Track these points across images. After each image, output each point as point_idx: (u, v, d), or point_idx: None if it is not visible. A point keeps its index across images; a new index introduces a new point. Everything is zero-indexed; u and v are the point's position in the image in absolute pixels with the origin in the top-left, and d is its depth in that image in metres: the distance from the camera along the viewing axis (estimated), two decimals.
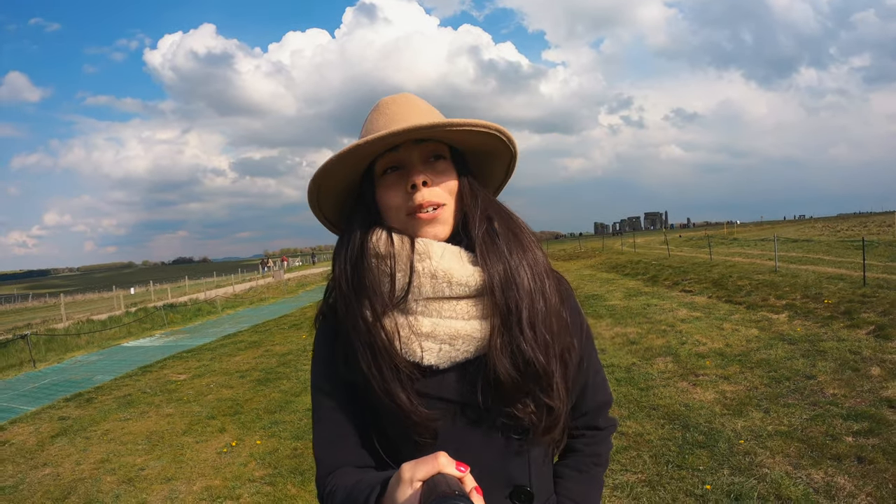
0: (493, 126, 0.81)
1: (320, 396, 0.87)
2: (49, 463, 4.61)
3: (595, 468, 0.96)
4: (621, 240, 45.52)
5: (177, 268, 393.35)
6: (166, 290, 28.53)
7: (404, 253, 0.79)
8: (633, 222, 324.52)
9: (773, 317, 7.63)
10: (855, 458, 3.26)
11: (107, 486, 3.94)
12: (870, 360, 5.16)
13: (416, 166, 0.82)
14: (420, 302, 0.80)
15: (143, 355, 9.72)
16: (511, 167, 0.93)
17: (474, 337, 0.78)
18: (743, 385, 4.74)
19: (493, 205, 0.87)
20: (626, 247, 31.82)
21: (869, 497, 2.82)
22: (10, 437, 5.51)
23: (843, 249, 17.45)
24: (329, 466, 0.83)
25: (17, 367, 9.94)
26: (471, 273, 0.79)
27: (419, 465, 0.60)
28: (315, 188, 0.85)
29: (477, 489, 0.59)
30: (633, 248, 29.44)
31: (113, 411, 5.95)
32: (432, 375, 0.79)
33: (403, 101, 0.88)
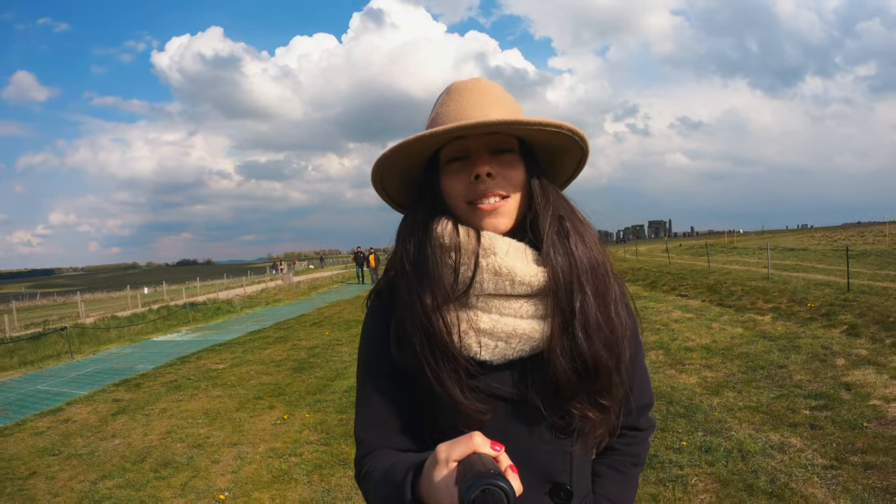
0: (566, 126, 0.80)
1: (367, 377, 0.88)
2: (117, 435, 5.33)
3: (633, 468, 0.96)
4: (624, 248, 46.18)
5: (181, 269, 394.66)
6: (180, 291, 29.33)
7: (470, 247, 0.79)
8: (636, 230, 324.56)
9: (758, 318, 8.34)
10: (808, 425, 3.97)
11: (178, 450, 4.65)
12: (838, 353, 5.86)
13: (481, 157, 0.82)
14: (481, 297, 0.80)
15: (176, 348, 10.45)
16: (581, 164, 0.92)
17: (532, 337, 0.79)
18: (722, 372, 5.45)
19: (562, 202, 0.87)
20: (628, 254, 32.49)
21: (815, 452, 3.52)
22: (71, 416, 6.22)
23: (835, 258, 18.09)
24: (369, 448, 0.85)
25: (55, 358, 10.68)
26: (534, 273, 0.79)
27: (455, 445, 0.61)
28: (378, 171, 0.85)
29: (512, 467, 0.59)
30: (636, 255, 30.10)
31: (163, 394, 6.68)
32: (485, 371, 0.79)
33: (476, 88, 0.87)
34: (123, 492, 3.89)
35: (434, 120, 0.87)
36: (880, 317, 7.29)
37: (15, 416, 6.45)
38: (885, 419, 3.99)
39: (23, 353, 11.18)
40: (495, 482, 0.52)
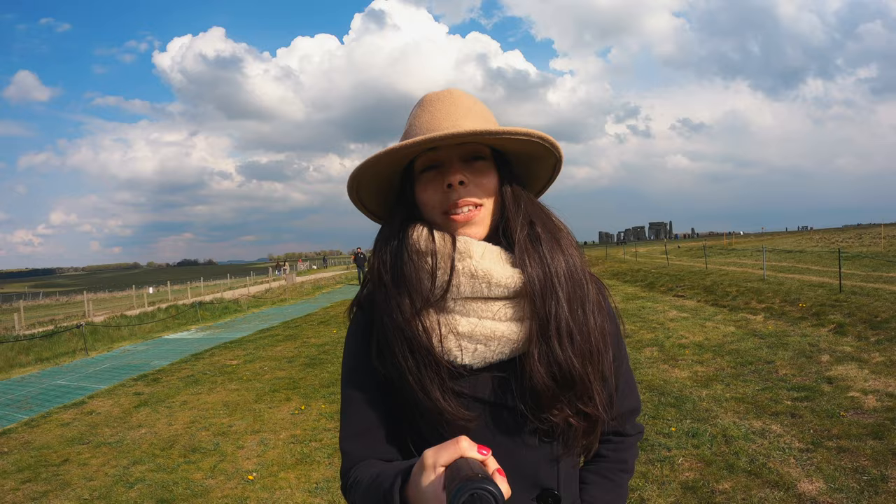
0: (535, 133, 0.81)
1: (350, 389, 0.88)
2: (142, 425, 5.66)
3: (620, 475, 0.96)
4: (623, 249, 46.51)
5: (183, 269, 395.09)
6: (184, 291, 29.68)
7: (445, 251, 0.80)
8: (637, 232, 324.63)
9: (750, 317, 8.66)
10: (789, 414, 4.29)
11: (204, 438, 4.98)
12: (824, 350, 6.18)
13: (453, 165, 0.83)
14: (458, 301, 0.80)
15: (188, 346, 10.78)
16: (556, 169, 0.93)
17: (510, 339, 0.79)
18: (712, 367, 5.78)
19: (534, 207, 0.88)
20: (628, 256, 32.81)
21: (793, 437, 3.85)
22: (94, 408, 6.55)
23: (830, 260, 18.39)
24: (354, 459, 0.85)
25: (70, 355, 11.01)
26: (510, 275, 0.80)
27: (441, 450, 0.61)
28: (355, 183, 0.86)
29: (499, 471, 0.59)
30: (635, 257, 30.41)
31: (182, 388, 7.01)
32: (466, 375, 0.80)
33: (449, 98, 0.88)
34: (156, 475, 4.22)
35: (407, 132, 0.88)
36: (868, 316, 7.60)
37: (39, 409, 6.77)
38: (862, 409, 4.31)
39: (38, 350, 11.50)
40: (483, 486, 0.52)
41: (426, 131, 0.83)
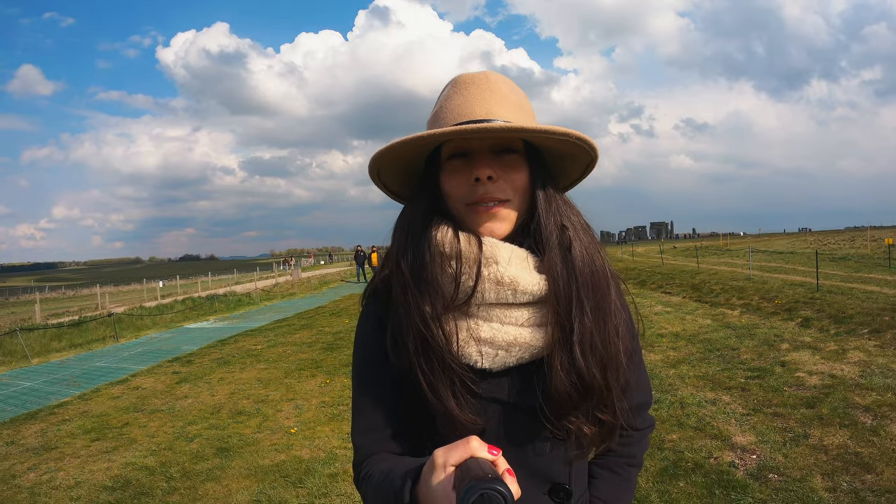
0: (573, 133, 0.78)
1: (362, 382, 0.88)
2: (187, 396, 6.50)
3: (629, 469, 0.97)
4: (622, 249, 47.31)
5: (185, 265, 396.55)
6: (193, 285, 30.58)
7: (471, 255, 0.78)
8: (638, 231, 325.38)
9: (728, 312, 9.50)
10: (740, 388, 5.12)
11: (245, 404, 5.82)
12: (786, 340, 6.99)
13: (483, 157, 0.79)
14: (481, 307, 0.79)
15: (211, 334, 11.63)
16: (590, 168, 0.90)
17: (532, 345, 0.78)
18: (683, 352, 6.62)
19: (566, 210, 0.85)
20: (626, 255, 33.60)
21: (738, 405, 4.67)
22: (139, 385, 7.39)
23: (819, 261, 19.23)
24: (366, 453, 0.85)
25: (101, 342, 11.87)
26: (536, 281, 0.78)
27: (452, 449, 0.61)
28: (377, 163, 0.84)
29: (509, 471, 0.60)
30: (632, 256, 31.22)
31: (216, 368, 7.85)
32: (484, 378, 0.79)
33: (485, 83, 0.83)
34: (210, 432, 5.06)
35: (437, 114, 0.85)
36: (836, 312, 8.40)
37: (87, 385, 7.62)
38: (804, 386, 5.12)
39: (69, 337, 12.39)
40: (493, 486, 0.53)
41: (457, 116, 0.80)
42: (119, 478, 4.19)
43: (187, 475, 4.10)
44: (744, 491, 3.23)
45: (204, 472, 4.13)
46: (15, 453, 5.04)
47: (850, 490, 3.18)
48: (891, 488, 3.17)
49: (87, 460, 4.67)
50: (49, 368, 9.28)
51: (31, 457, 4.91)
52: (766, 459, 3.64)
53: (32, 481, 4.34)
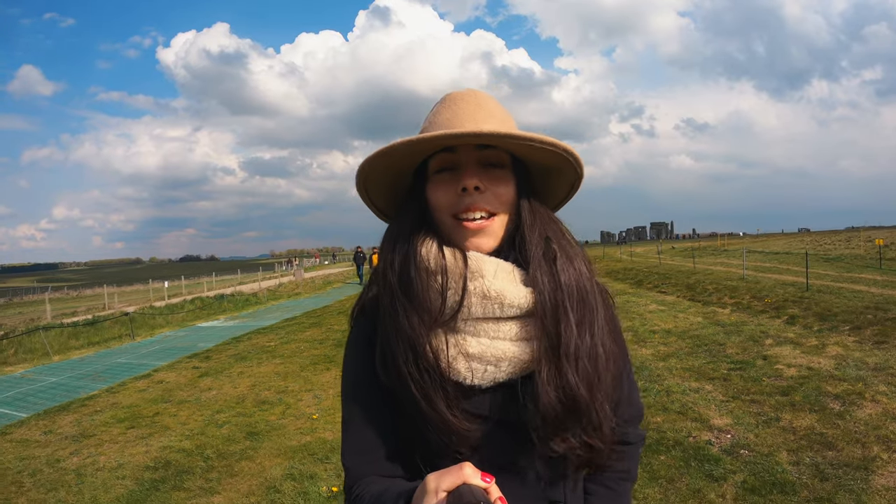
0: (560, 144, 0.78)
1: (352, 403, 0.87)
2: (211, 388, 6.96)
3: (623, 484, 0.97)
4: (620, 249, 47.78)
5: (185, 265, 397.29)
6: (200, 285, 31.06)
7: (457, 270, 0.79)
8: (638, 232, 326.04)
9: (719, 310, 9.97)
10: (722, 379, 5.58)
11: (267, 395, 6.29)
12: (770, 336, 7.45)
13: (470, 169, 0.81)
14: (468, 321, 0.79)
15: (224, 332, 12.09)
16: (575, 187, 0.90)
17: (521, 359, 0.78)
18: (673, 347, 7.09)
19: (551, 224, 0.86)
20: (624, 255, 34.08)
21: (719, 393, 5.12)
22: (162, 379, 7.84)
23: (812, 261, 19.68)
24: (357, 475, 0.84)
25: (118, 339, 12.33)
26: (523, 295, 0.78)
27: (444, 475, 0.61)
28: (363, 174, 0.84)
29: (501, 499, 0.60)
30: (631, 256, 31.69)
31: (234, 363, 8.32)
32: (473, 394, 0.79)
33: (472, 99, 0.86)
34: (238, 419, 5.52)
35: (426, 128, 0.86)
36: (822, 311, 8.85)
37: (112, 380, 8.07)
38: (781, 377, 5.58)
39: (86, 336, 12.84)
40: None
41: (446, 129, 0.80)
42: (159, 459, 4.65)
43: (222, 455, 4.56)
44: (716, 463, 3.69)
45: (237, 452, 4.60)
46: (54, 441, 5.49)
47: (811, 464, 3.64)
48: (849, 463, 3.62)
49: (126, 445, 5.13)
50: (71, 365, 9.73)
51: (70, 444, 5.35)
52: (739, 438, 4.10)
53: (76, 464, 4.78)
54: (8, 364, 10.34)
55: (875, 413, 4.44)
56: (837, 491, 3.27)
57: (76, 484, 4.33)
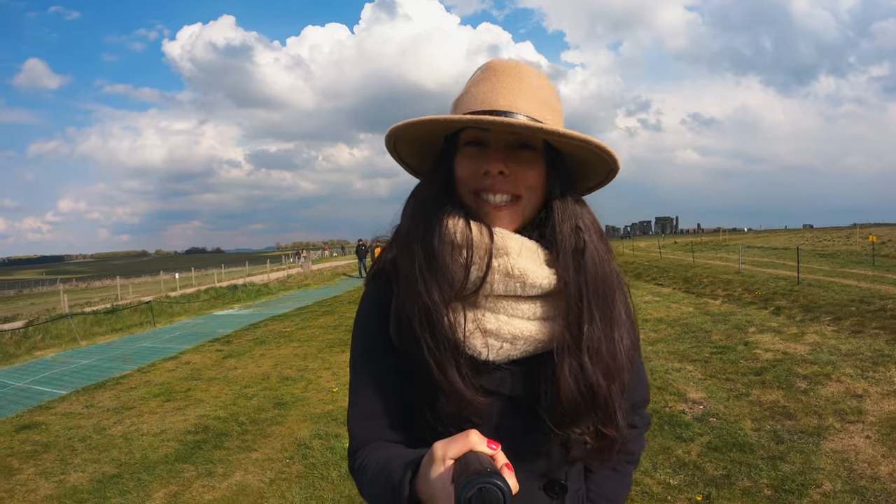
0: (593, 142, 0.77)
1: (362, 367, 0.87)
2: (236, 368, 7.56)
3: (626, 466, 0.98)
4: (623, 243, 48.26)
5: (191, 257, 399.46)
6: (209, 276, 31.77)
7: (483, 246, 0.78)
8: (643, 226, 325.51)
9: (711, 301, 10.50)
10: (703, 361, 6.13)
11: (289, 373, 6.89)
12: (755, 325, 7.98)
13: (498, 151, 0.79)
14: (489, 298, 0.79)
15: (240, 319, 12.71)
16: (609, 178, 0.89)
17: (537, 339, 0.79)
18: (662, 334, 7.64)
19: (580, 209, 0.85)
20: (627, 250, 34.55)
21: (698, 373, 5.68)
22: (188, 361, 8.45)
23: (809, 256, 20.13)
24: (362, 441, 0.85)
25: (139, 326, 12.98)
26: (546, 276, 0.78)
27: (451, 443, 0.62)
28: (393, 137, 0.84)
29: (508, 466, 0.60)
30: (633, 251, 32.18)
31: (254, 346, 8.93)
32: (487, 370, 0.80)
33: (515, 73, 0.83)
34: (265, 392, 6.12)
35: (462, 97, 0.85)
36: (808, 303, 9.35)
37: (141, 362, 8.69)
38: (757, 360, 6.12)
39: (109, 323, 13.49)
40: (492, 480, 0.53)
41: (480, 104, 0.80)
42: (198, 425, 5.25)
43: (254, 422, 5.17)
44: (687, 428, 4.26)
45: (268, 419, 5.20)
46: (97, 413, 6.10)
47: (770, 430, 4.20)
48: (804, 430, 4.17)
49: (165, 415, 5.73)
50: (99, 349, 10.37)
51: (112, 415, 5.96)
52: (710, 409, 4.67)
53: (122, 431, 5.39)
54: (38, 349, 11.00)
55: (837, 391, 4.98)
56: (790, 452, 3.83)
57: (125, 446, 4.93)
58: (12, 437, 5.43)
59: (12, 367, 9.23)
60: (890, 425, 4.17)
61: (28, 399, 6.92)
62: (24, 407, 6.52)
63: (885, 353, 6.03)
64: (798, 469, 3.56)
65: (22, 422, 5.93)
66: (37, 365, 9.29)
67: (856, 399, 4.75)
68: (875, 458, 3.70)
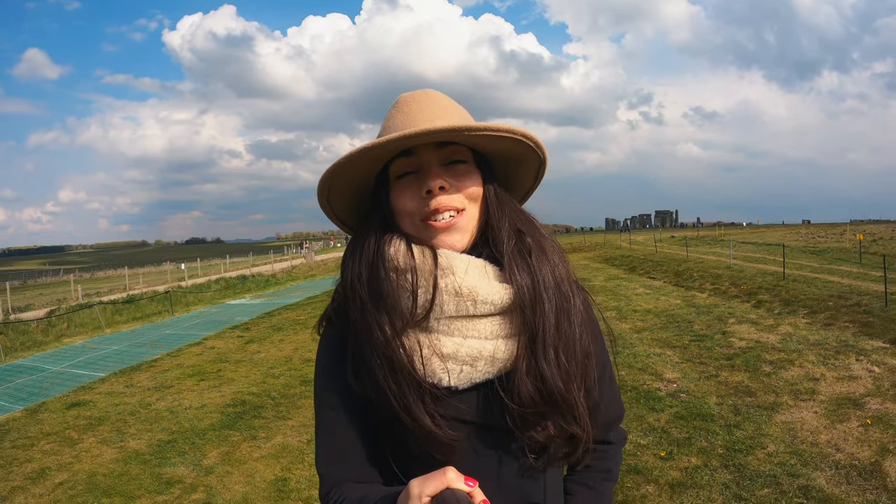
0: (518, 131, 0.78)
1: (325, 410, 0.86)
2: (259, 352, 8.29)
3: (604, 483, 0.96)
4: (621, 236, 48.96)
5: (191, 247, 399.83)
6: (214, 266, 32.47)
7: (426, 267, 0.77)
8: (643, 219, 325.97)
9: (698, 294, 11.22)
10: (682, 347, 6.85)
11: (310, 355, 7.60)
12: (735, 316, 8.69)
13: (432, 169, 0.80)
14: (442, 320, 0.78)
15: (253, 308, 13.44)
16: (540, 174, 0.89)
17: (497, 358, 0.78)
18: (649, 323, 8.37)
19: (521, 216, 0.86)
20: (625, 243, 35.26)
21: (676, 357, 6.39)
22: (213, 346, 9.18)
23: (800, 253, 20.83)
24: (332, 482, 0.83)
25: (158, 315, 13.71)
26: (497, 290, 0.78)
27: (428, 480, 0.62)
28: (325, 188, 0.83)
29: (485, 502, 0.61)
30: (630, 244, 32.87)
31: (272, 333, 9.65)
32: (450, 396, 0.78)
33: (424, 99, 0.85)
34: (290, 372, 6.85)
35: (381, 134, 0.84)
36: (789, 297, 10.04)
37: (168, 347, 9.42)
38: (731, 347, 6.83)
39: (129, 312, 14.22)
40: None
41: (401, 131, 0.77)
42: (235, 400, 5.98)
43: (285, 396, 5.89)
44: (659, 401, 4.98)
45: (297, 394, 5.93)
46: (138, 392, 6.81)
47: (731, 405, 4.91)
48: (761, 405, 4.88)
49: (202, 392, 6.45)
50: (125, 336, 11.09)
51: (153, 393, 6.68)
52: (682, 387, 5.39)
53: (166, 406, 6.10)
54: (66, 336, 11.73)
55: (797, 375, 5.69)
56: (745, 421, 4.54)
57: (172, 418, 5.65)
58: (64, 414, 6.14)
59: (45, 353, 9.96)
60: (837, 403, 4.87)
61: (69, 381, 7.63)
62: (67, 388, 7.24)
63: (850, 344, 6.71)
64: (749, 434, 4.28)
65: (69, 400, 6.64)
66: (69, 351, 10.01)
67: (812, 382, 5.44)
68: (818, 428, 4.40)
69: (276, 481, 4.00)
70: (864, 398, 4.88)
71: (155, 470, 4.37)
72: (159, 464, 4.48)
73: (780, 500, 3.35)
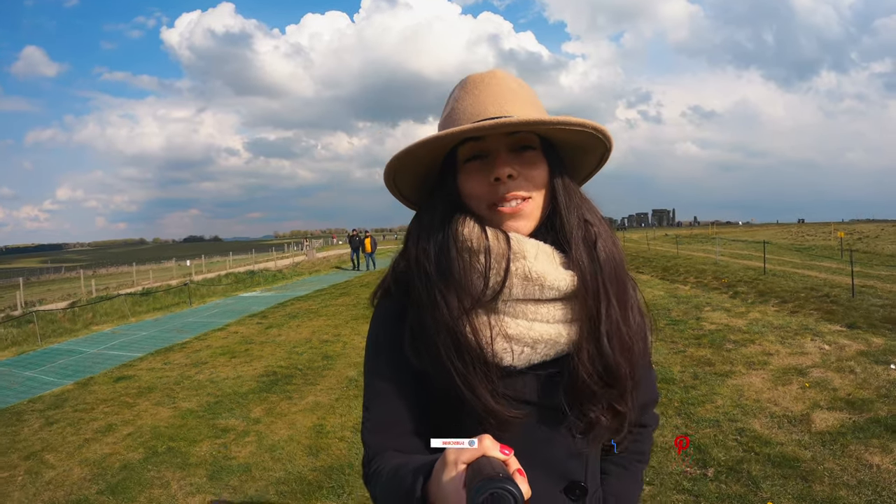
0: (590, 124, 0.81)
1: (376, 379, 0.89)
2: (280, 335, 9.15)
3: (638, 465, 1.01)
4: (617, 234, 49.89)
5: (189, 245, 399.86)
6: (219, 263, 33.32)
7: (499, 250, 0.79)
8: (640, 218, 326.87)
9: (681, 286, 12.13)
10: (658, 330, 7.65)
11: (326, 337, 8.50)
12: (711, 305, 9.58)
13: (501, 157, 0.81)
14: (508, 303, 0.80)
15: (266, 300, 14.29)
16: (604, 160, 0.92)
17: (557, 342, 0.81)
18: None
19: (587, 205, 0.88)
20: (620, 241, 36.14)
21: (652, 338, 7.27)
22: (235, 331, 10.02)
23: (785, 250, 21.77)
24: (375, 450, 0.86)
25: (177, 306, 14.56)
26: (563, 277, 0.80)
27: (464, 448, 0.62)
28: (392, 170, 0.86)
29: (520, 471, 0.61)
30: (624, 241, 33.80)
31: (288, 320, 10.53)
32: (509, 376, 0.81)
33: (494, 81, 0.86)
34: (311, 350, 7.74)
35: (449, 116, 0.87)
36: (765, 289, 10.88)
37: (193, 332, 10.24)
38: (702, 329, 7.72)
39: (149, 303, 15.09)
40: (504, 486, 0.54)
41: (470, 117, 0.83)
42: (266, 372, 6.86)
43: (310, 368, 6.79)
44: None
45: (320, 367, 6.83)
46: (177, 367, 7.65)
47: (692, 372, 5.81)
48: (717, 373, 5.76)
49: (235, 367, 7.32)
50: (151, 324, 11.94)
51: (191, 368, 7.53)
52: (653, 360, 6.27)
53: (206, 378, 6.96)
54: (94, 324, 12.58)
55: (755, 351, 6.58)
56: (700, 384, 5.44)
57: (213, 386, 6.52)
58: (114, 385, 6.98)
59: (78, 339, 10.78)
60: (783, 372, 5.76)
61: (109, 361, 8.44)
62: (109, 366, 8.05)
63: (809, 328, 7.58)
64: (702, 393, 5.18)
65: (115, 375, 7.47)
66: (100, 336, 10.85)
67: (767, 356, 6.32)
68: (762, 389, 5.29)
69: (314, 427, 4.90)
70: (808, 368, 5.73)
71: (210, 422, 5.26)
72: (212, 417, 5.37)
73: (719, 436, 4.25)
